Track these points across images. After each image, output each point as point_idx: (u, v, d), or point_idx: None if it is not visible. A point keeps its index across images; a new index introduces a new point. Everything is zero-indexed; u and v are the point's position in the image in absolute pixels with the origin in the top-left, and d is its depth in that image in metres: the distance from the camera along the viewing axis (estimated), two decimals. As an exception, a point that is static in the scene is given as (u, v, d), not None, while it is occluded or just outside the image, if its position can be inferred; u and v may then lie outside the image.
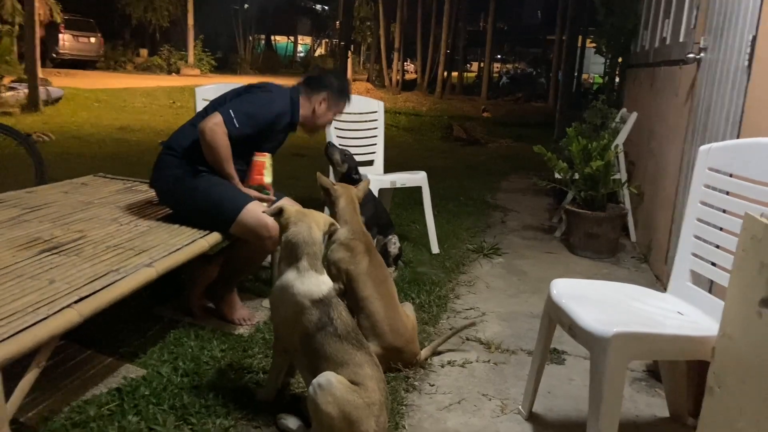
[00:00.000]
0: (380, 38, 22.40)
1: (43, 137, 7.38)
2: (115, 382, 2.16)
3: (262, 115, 2.63)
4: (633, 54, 6.32)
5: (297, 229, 1.98)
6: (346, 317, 1.97)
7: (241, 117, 2.56)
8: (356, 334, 1.97)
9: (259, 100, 2.66)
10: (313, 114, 2.83)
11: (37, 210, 2.64)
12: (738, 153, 1.97)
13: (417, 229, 4.43)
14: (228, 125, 2.53)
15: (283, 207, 2.03)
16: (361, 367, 1.89)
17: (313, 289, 1.94)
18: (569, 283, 2.17)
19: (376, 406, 1.85)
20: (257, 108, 2.63)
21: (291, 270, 1.97)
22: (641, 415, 2.27)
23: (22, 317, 1.60)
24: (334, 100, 2.86)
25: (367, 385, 1.86)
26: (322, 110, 2.84)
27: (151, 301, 2.88)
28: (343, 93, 2.88)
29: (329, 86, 2.83)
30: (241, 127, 2.56)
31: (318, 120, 2.86)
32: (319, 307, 1.93)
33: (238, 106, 2.59)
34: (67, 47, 19.25)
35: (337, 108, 2.90)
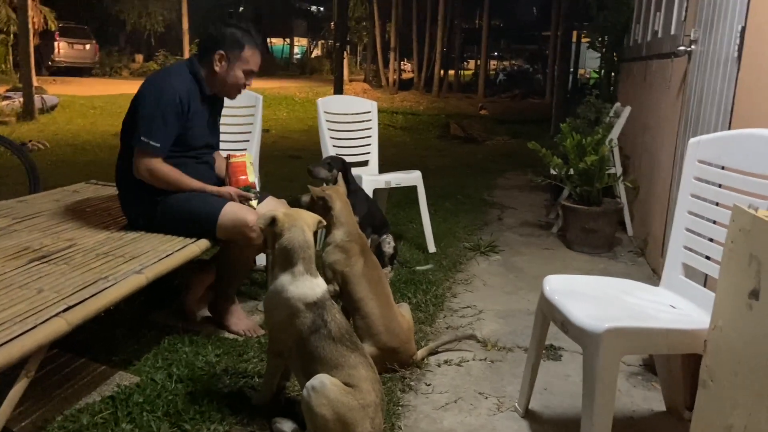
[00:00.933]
0: (376, 38, 22.40)
1: (39, 145, 7.40)
2: (108, 390, 2.15)
3: (165, 114, 2.44)
4: (626, 48, 6.31)
5: (291, 235, 1.97)
6: (340, 320, 1.96)
7: (154, 135, 2.42)
8: (350, 336, 1.97)
9: (150, 105, 2.46)
10: (215, 77, 2.58)
11: (27, 219, 2.63)
12: (727, 144, 1.96)
13: (414, 228, 4.42)
14: (151, 152, 2.43)
15: (276, 217, 1.99)
16: (356, 369, 1.89)
17: (307, 292, 1.94)
18: (562, 279, 2.16)
19: (371, 407, 1.84)
20: (156, 115, 2.44)
21: (285, 274, 1.96)
22: (638, 410, 2.26)
23: (10, 327, 1.59)
24: (234, 53, 2.56)
25: (362, 387, 1.85)
26: (224, 69, 2.56)
27: (146, 308, 2.87)
28: (239, 42, 2.55)
29: (220, 41, 2.55)
30: (161, 141, 2.44)
31: (227, 81, 2.59)
32: (313, 310, 1.92)
33: (143, 127, 2.43)
34: (63, 55, 19.26)
35: (242, 60, 2.57)
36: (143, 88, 2.52)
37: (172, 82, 2.51)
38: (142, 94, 2.50)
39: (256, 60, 2.62)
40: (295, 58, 35.99)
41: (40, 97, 10.30)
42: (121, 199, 2.66)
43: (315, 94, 16.25)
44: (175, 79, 2.53)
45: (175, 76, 2.56)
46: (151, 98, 2.47)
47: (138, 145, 2.44)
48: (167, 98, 2.46)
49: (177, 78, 2.54)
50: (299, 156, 7.96)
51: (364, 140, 4.20)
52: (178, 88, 2.49)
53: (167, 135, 2.46)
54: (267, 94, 14.67)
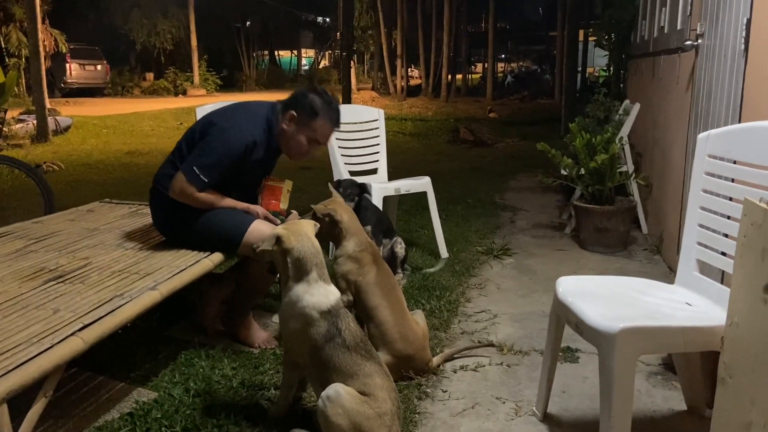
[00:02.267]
0: (382, 46, 22.47)
1: (53, 167, 7.50)
2: (127, 407, 2.17)
3: (228, 157, 2.46)
4: (633, 45, 6.28)
5: (300, 246, 1.98)
6: (354, 328, 1.97)
7: (206, 170, 2.44)
8: (365, 345, 1.97)
9: (218, 142, 2.46)
10: (282, 134, 2.55)
11: (43, 240, 2.67)
12: (737, 138, 1.94)
13: (425, 234, 4.41)
14: (195, 183, 2.44)
15: (279, 234, 1.99)
16: (371, 377, 1.88)
17: (321, 300, 1.95)
18: (575, 280, 2.15)
19: (388, 416, 1.84)
20: (219, 154, 2.45)
21: (300, 284, 1.97)
22: (658, 410, 2.24)
23: (27, 348, 1.62)
24: (305, 118, 2.51)
25: (377, 395, 1.85)
26: (291, 130, 2.53)
27: (162, 323, 2.89)
28: (314, 110, 2.50)
29: (300, 102, 2.52)
30: (210, 178, 2.45)
31: (290, 143, 2.55)
32: (327, 318, 1.93)
33: (199, 160, 2.45)
34: (75, 76, 19.53)
35: (310, 128, 2.52)
36: (220, 121, 2.50)
37: (248, 129, 2.49)
38: (217, 126, 2.49)
39: (324, 132, 2.56)
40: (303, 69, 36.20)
41: (53, 119, 10.44)
42: (154, 203, 2.65)
43: (324, 104, 16.29)
44: (251, 126, 2.51)
45: (252, 122, 2.53)
46: (222, 137, 2.47)
47: (187, 171, 2.45)
48: (235, 146, 2.45)
49: (253, 126, 2.52)
50: (309, 167, 7.99)
51: (372, 148, 4.21)
52: (249, 138, 2.47)
53: (218, 175, 2.47)
54: (276, 106, 14.76)
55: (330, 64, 35.24)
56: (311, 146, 2.57)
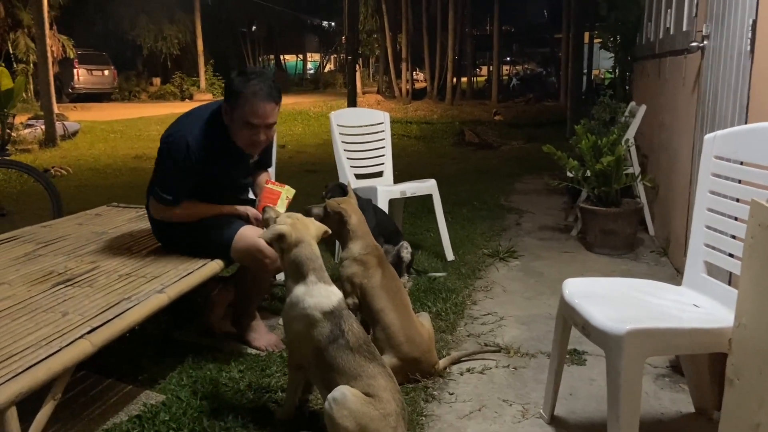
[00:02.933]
0: (387, 50, 22.51)
1: (61, 171, 7.54)
2: (135, 410, 2.18)
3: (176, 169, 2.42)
4: (639, 46, 6.26)
5: (299, 250, 2.00)
6: (357, 329, 1.97)
7: (166, 188, 2.45)
8: (368, 346, 1.97)
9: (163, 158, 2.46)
10: (229, 130, 2.45)
11: (51, 244, 2.68)
12: (743, 139, 1.94)
13: (431, 237, 4.41)
14: (163, 203, 2.47)
15: (283, 233, 2.00)
16: (375, 379, 1.89)
17: (323, 300, 1.96)
18: (582, 282, 2.14)
19: (392, 416, 1.84)
20: (167, 168, 2.45)
21: (299, 285, 1.99)
22: (666, 412, 2.23)
23: (36, 351, 1.63)
24: (232, 106, 2.38)
25: (382, 396, 1.86)
26: (230, 123, 2.42)
27: (169, 326, 2.90)
28: (234, 92, 2.35)
29: (226, 93, 2.42)
30: (174, 194, 2.45)
31: (236, 137, 2.44)
32: (330, 319, 1.94)
33: (157, 180, 2.48)
34: (82, 81, 19.66)
35: (240, 113, 2.35)
36: (162, 139, 2.50)
37: (184, 133, 2.43)
38: (161, 144, 2.50)
39: (254, 110, 2.35)
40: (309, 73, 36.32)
41: (61, 124, 10.50)
42: (149, 218, 2.70)
43: (329, 107, 16.35)
44: (190, 132, 2.43)
45: (191, 125, 2.47)
46: (165, 151, 2.47)
47: (153, 194, 2.51)
48: (177, 152, 2.41)
49: (191, 127, 2.45)
50: (315, 170, 8.01)
51: (378, 151, 4.22)
52: (191, 142, 2.40)
53: (180, 187, 2.48)
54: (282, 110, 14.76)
55: (335, 67, 35.33)
56: (253, 132, 2.40)
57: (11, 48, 16.34)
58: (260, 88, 2.36)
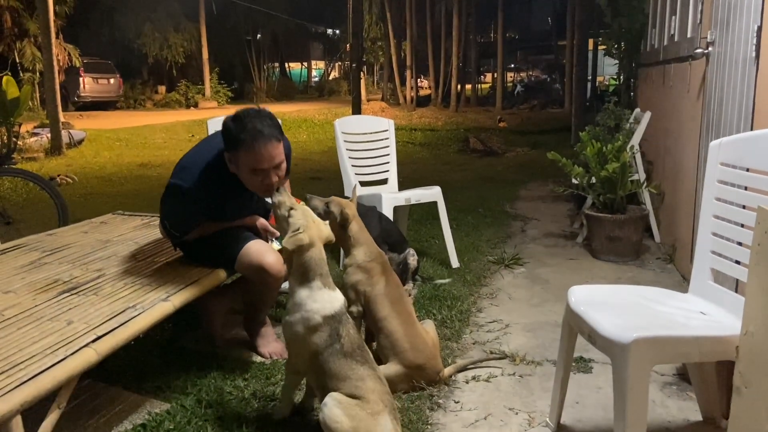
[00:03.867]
0: (392, 57, 22.57)
1: (67, 179, 7.58)
2: (140, 418, 2.18)
3: (181, 213, 2.44)
4: (643, 53, 6.26)
5: (310, 253, 2.01)
6: (353, 335, 2.01)
7: (174, 227, 2.47)
8: (361, 351, 2.00)
9: (166, 201, 2.45)
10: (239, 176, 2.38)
11: (56, 252, 2.69)
12: (749, 146, 1.93)
13: (436, 244, 4.40)
14: (172, 237, 2.51)
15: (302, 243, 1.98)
16: (363, 381, 1.93)
17: (325, 305, 1.99)
18: (587, 289, 2.13)
19: (381, 416, 1.89)
20: (172, 213, 2.46)
21: (303, 288, 2.01)
22: (673, 421, 2.21)
23: (41, 360, 1.63)
24: (235, 156, 2.31)
25: (369, 398, 1.91)
26: (236, 170, 2.35)
27: (174, 334, 2.90)
28: (232, 140, 2.28)
29: (226, 142, 2.33)
30: (182, 231, 2.48)
31: (246, 183, 2.37)
32: (330, 323, 1.97)
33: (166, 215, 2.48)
34: (88, 90, 19.75)
35: (241, 161, 2.29)
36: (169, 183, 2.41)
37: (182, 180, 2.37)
38: (167, 186, 2.43)
39: (260, 157, 2.27)
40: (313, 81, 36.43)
41: (67, 132, 10.56)
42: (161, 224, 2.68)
43: (334, 115, 16.40)
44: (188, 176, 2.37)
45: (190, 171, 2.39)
46: (167, 197, 2.45)
47: (163, 224, 2.54)
48: (182, 198, 2.38)
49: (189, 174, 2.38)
50: (320, 177, 8.03)
51: (382, 158, 4.23)
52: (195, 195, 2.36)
53: (187, 224, 2.49)
54: (286, 117, 14.86)
55: (340, 75, 35.42)
56: (263, 176, 2.32)
57: (18, 57, 16.44)
58: (259, 130, 2.26)
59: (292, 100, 25.53)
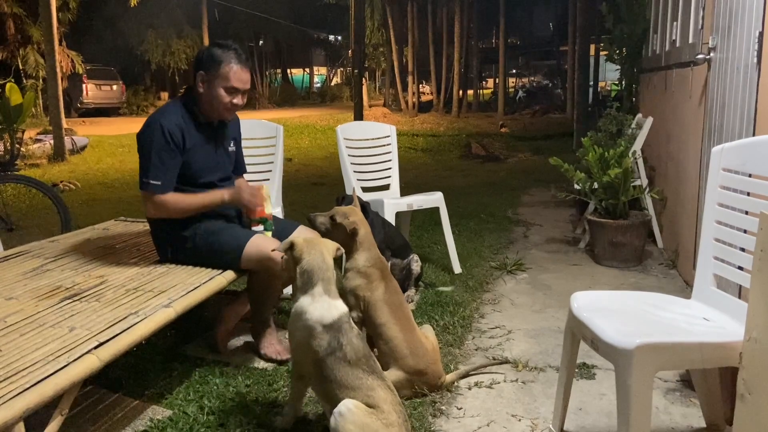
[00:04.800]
0: (393, 63, 22.63)
1: (69, 186, 7.59)
2: (142, 425, 2.17)
3: (158, 151, 2.48)
4: (645, 59, 6.27)
5: (310, 258, 2.04)
6: (357, 344, 1.99)
7: (151, 173, 2.47)
8: (368, 360, 1.99)
9: (142, 145, 2.52)
10: (201, 99, 2.57)
11: (59, 258, 2.69)
12: (751, 151, 1.93)
13: (438, 250, 4.40)
14: (155, 191, 2.48)
15: (293, 242, 2.07)
16: (374, 390, 1.92)
17: (324, 314, 1.99)
18: (590, 295, 2.13)
19: (395, 426, 1.87)
20: (149, 153, 2.49)
21: (306, 296, 2.02)
22: (677, 427, 2.20)
23: (43, 366, 1.63)
24: (211, 72, 2.52)
25: (383, 408, 1.88)
26: (206, 89, 2.55)
27: (176, 341, 2.90)
28: (215, 59, 2.51)
29: (201, 62, 2.56)
30: (163, 179, 2.48)
31: (212, 101, 2.55)
32: (330, 332, 1.97)
33: (142, 169, 2.50)
34: (91, 96, 19.81)
35: (220, 77, 2.52)
36: (138, 134, 2.56)
37: (159, 119, 2.52)
38: (137, 139, 2.56)
39: (237, 76, 2.54)
40: (315, 86, 36.52)
41: (70, 139, 10.59)
42: (153, 235, 2.73)
43: (336, 121, 16.43)
44: (162, 116, 2.55)
45: (163, 113, 2.58)
46: (143, 141, 2.53)
47: (142, 188, 2.52)
48: (155, 137, 2.48)
49: (164, 115, 2.56)
50: (322, 183, 8.04)
51: (384, 164, 4.23)
52: (165, 124, 2.50)
53: (166, 172, 2.50)
54: (288, 123, 14.89)
55: (342, 81, 35.51)
56: (231, 95, 2.56)
57: (21, 64, 16.53)
58: (238, 55, 2.56)
59: (295, 106, 25.60)
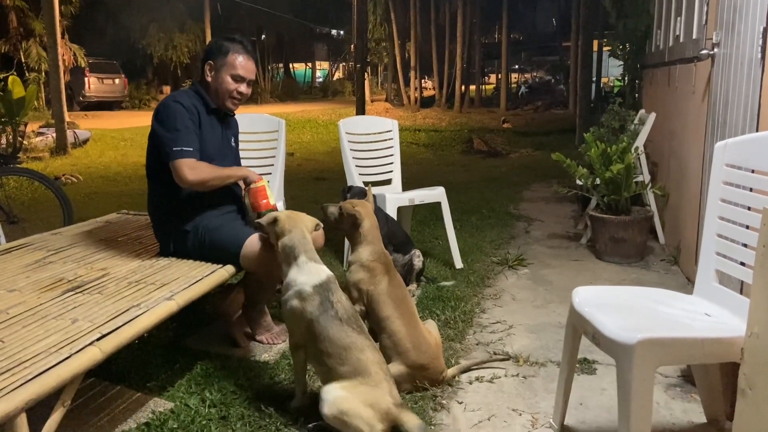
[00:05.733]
0: (396, 58, 22.59)
1: (72, 179, 7.60)
2: (143, 417, 2.18)
3: (183, 119, 2.54)
4: (648, 54, 6.25)
5: (292, 235, 2.21)
6: (345, 303, 2.14)
7: (182, 141, 2.50)
8: (356, 320, 2.13)
9: (164, 121, 2.56)
10: (209, 88, 2.67)
11: (61, 251, 2.70)
12: (755, 147, 1.93)
13: (440, 245, 4.40)
14: (189, 155, 2.49)
15: (277, 217, 2.23)
16: (363, 352, 2.04)
17: (312, 277, 2.14)
18: (592, 290, 2.13)
19: (384, 383, 2.02)
20: (174, 122, 2.53)
21: (293, 268, 2.17)
22: (677, 423, 2.21)
23: (45, 358, 1.63)
24: (218, 60, 2.64)
25: (371, 371, 2.02)
26: (213, 78, 2.65)
27: (178, 334, 2.91)
28: (222, 49, 2.64)
29: (209, 52, 2.68)
30: (193, 144, 2.52)
31: (219, 89, 2.65)
32: (320, 292, 2.10)
33: (170, 142, 2.51)
34: (93, 90, 19.79)
35: (227, 66, 2.63)
36: (154, 118, 2.61)
37: (177, 98, 2.62)
38: (155, 121, 2.59)
39: (243, 65, 2.65)
40: (318, 81, 36.47)
41: (72, 132, 10.59)
42: (154, 229, 2.74)
43: (338, 115, 16.42)
44: (179, 97, 2.64)
45: (179, 95, 2.68)
46: (164, 117, 2.56)
47: (173, 158, 2.49)
48: (178, 110, 2.55)
49: (180, 96, 2.65)
50: (324, 177, 8.04)
51: (386, 159, 4.23)
52: (182, 101, 2.59)
53: (193, 140, 2.54)
54: (290, 118, 14.88)
55: (344, 75, 35.46)
56: (237, 83, 2.66)
57: (23, 57, 16.53)
58: (245, 46, 2.68)
59: (296, 101, 25.58)
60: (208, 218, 2.62)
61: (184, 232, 2.60)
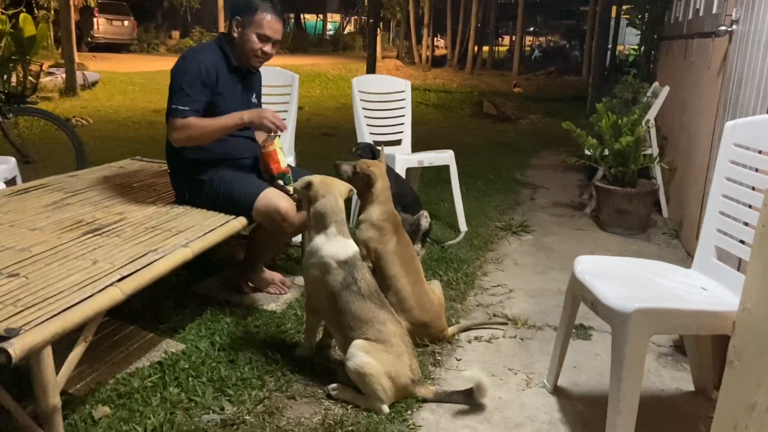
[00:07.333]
0: (409, 14, 22.17)
1: (82, 121, 7.61)
2: (156, 356, 2.29)
3: (192, 79, 2.53)
4: (667, 25, 6.17)
5: (325, 201, 2.18)
6: (369, 278, 2.16)
7: (181, 100, 2.51)
8: (378, 295, 2.16)
9: (175, 76, 2.57)
10: (235, 44, 2.67)
11: (79, 193, 2.76)
12: (764, 128, 1.96)
13: (445, 208, 4.46)
14: (181, 115, 2.50)
15: (312, 182, 2.20)
16: (384, 325, 2.09)
17: (339, 251, 2.14)
18: (593, 260, 2.20)
19: (405, 355, 2.07)
20: (182, 81, 2.53)
21: (320, 235, 2.17)
22: (666, 389, 2.30)
23: (69, 295, 1.71)
24: (248, 17, 2.63)
25: (392, 341, 2.07)
26: (240, 34, 2.65)
27: (188, 279, 2.99)
28: (251, 6, 2.63)
29: (238, 8, 2.67)
30: (190, 105, 2.51)
31: (244, 47, 2.65)
32: (344, 267, 2.12)
33: (172, 98, 2.54)
34: (102, 31, 19.50)
35: (255, 24, 2.63)
36: (173, 67, 2.62)
37: (197, 54, 2.63)
38: (172, 70, 2.61)
39: (270, 25, 2.65)
40: (328, 34, 35.87)
41: (81, 74, 10.52)
42: (171, 176, 2.80)
43: (348, 71, 16.25)
44: (200, 51, 2.66)
45: (201, 49, 2.69)
46: (177, 71, 2.59)
47: (169, 112, 2.54)
48: (191, 68, 2.56)
49: (202, 51, 2.67)
50: (332, 134, 8.04)
51: (397, 119, 4.25)
52: (202, 58, 2.59)
53: (193, 100, 2.54)
54: (300, 71, 14.63)
55: (356, 29, 34.85)
56: (263, 43, 2.66)
57: (33, -6, 16.26)
58: (273, 6, 2.67)
59: (306, 53, 25.19)
60: (224, 169, 2.67)
61: (200, 182, 2.65)
